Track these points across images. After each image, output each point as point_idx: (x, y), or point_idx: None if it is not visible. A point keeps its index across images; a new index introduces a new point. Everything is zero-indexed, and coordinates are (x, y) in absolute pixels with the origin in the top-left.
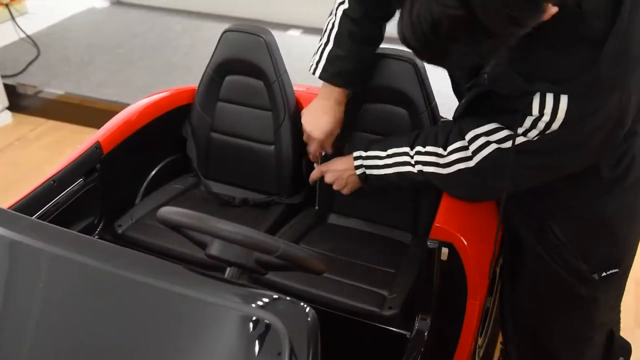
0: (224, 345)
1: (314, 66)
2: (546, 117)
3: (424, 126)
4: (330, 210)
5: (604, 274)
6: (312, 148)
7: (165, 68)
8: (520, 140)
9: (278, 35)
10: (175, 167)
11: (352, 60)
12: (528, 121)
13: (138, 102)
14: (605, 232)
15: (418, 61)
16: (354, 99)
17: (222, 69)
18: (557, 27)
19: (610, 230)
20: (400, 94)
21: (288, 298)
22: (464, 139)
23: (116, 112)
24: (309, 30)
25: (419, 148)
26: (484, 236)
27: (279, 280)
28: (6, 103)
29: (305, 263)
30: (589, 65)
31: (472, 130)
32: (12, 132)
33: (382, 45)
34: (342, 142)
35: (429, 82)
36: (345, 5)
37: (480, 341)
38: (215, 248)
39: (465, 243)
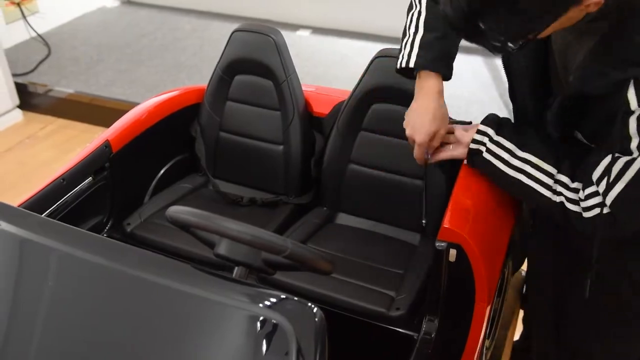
0: (232, 344)
1: (404, 59)
2: None
3: None
4: (338, 210)
5: None
6: (417, 153)
7: (174, 67)
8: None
9: (287, 35)
10: (184, 167)
11: (450, 42)
12: (632, 125)
13: (147, 102)
14: None
15: None
16: (362, 99)
17: (231, 68)
18: (621, 16)
19: None
20: (410, 94)
21: (296, 298)
22: (592, 182)
23: (125, 111)
24: (318, 30)
25: (564, 179)
26: (493, 238)
27: (287, 280)
28: (17, 101)
29: (313, 263)
30: None
31: (594, 174)
32: (23, 130)
33: (392, 46)
34: (350, 142)
35: None
36: None
37: (487, 344)
38: (224, 247)
39: (474, 245)
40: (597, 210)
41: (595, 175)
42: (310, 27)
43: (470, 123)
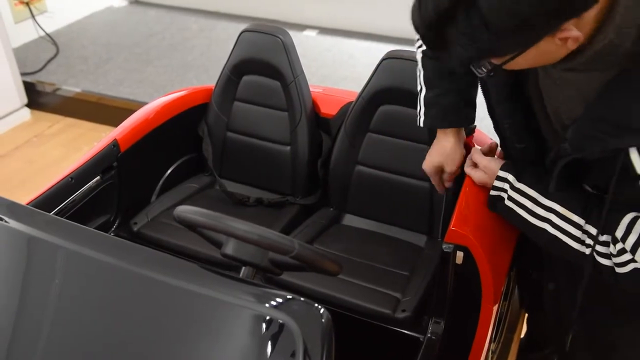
0: (238, 344)
1: (418, 118)
2: None
3: None
4: (344, 211)
5: None
6: (434, 181)
7: (182, 67)
8: None
9: (294, 36)
10: (191, 166)
11: (450, 96)
12: None
13: (155, 101)
14: None
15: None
16: (370, 101)
17: (239, 69)
18: (635, 69)
19: None
20: (416, 96)
21: (302, 299)
22: (618, 239)
23: (132, 111)
24: (325, 30)
25: (593, 230)
26: (500, 241)
27: (293, 280)
28: (25, 100)
29: (320, 264)
30: None
31: (617, 232)
32: (31, 128)
33: (402, 48)
34: (357, 143)
35: None
36: (423, 47)
37: (493, 346)
38: (231, 247)
39: (481, 247)
40: (632, 266)
41: (619, 234)
42: (317, 28)
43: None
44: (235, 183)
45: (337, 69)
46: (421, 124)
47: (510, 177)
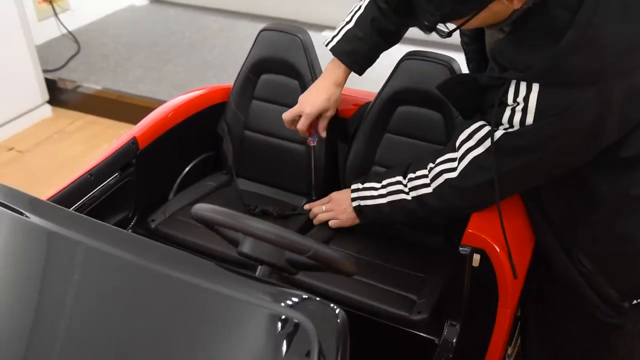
0: (253, 342)
1: (329, 40)
2: (519, 107)
3: None
4: None
5: (635, 302)
6: (300, 124)
7: (201, 66)
8: (499, 134)
9: (313, 36)
10: (208, 165)
11: (366, 45)
12: (506, 114)
13: (174, 99)
14: (631, 254)
15: (454, 64)
16: (388, 101)
17: (257, 67)
18: (528, 21)
19: (636, 251)
20: (436, 97)
21: (318, 299)
22: (455, 147)
23: (151, 109)
24: None
25: (410, 175)
26: (518, 244)
27: (308, 280)
28: (47, 97)
29: (336, 264)
30: (553, 56)
31: (461, 135)
32: (52, 125)
33: (415, 48)
34: (374, 144)
35: None
36: None
37: (509, 350)
38: (248, 246)
39: (498, 250)
40: (445, 176)
41: (459, 141)
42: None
43: None
44: (252, 182)
45: None
46: (328, 46)
47: (359, 185)
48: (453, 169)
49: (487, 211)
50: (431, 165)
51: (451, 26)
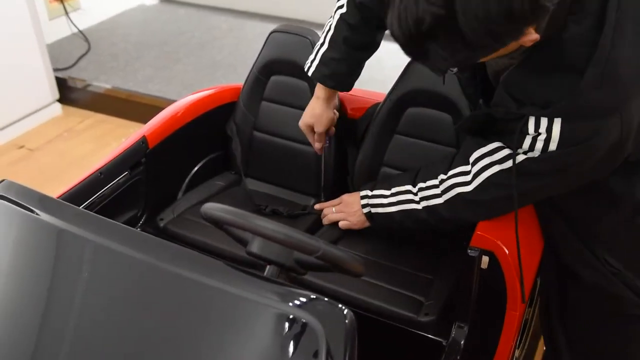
0: (261, 341)
1: (308, 65)
2: (542, 136)
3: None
4: None
5: None
6: (310, 139)
7: (210, 66)
8: (520, 158)
9: None
10: (217, 164)
11: (344, 64)
12: (527, 141)
13: (184, 99)
14: None
15: None
16: (397, 102)
17: (267, 69)
18: (542, 53)
19: None
20: (446, 99)
21: (326, 299)
22: (468, 162)
23: (161, 108)
24: None
25: (420, 184)
26: (526, 246)
27: (315, 280)
28: (57, 95)
29: (345, 265)
30: (573, 91)
31: (476, 152)
32: (62, 123)
33: None
34: (383, 145)
35: None
36: (344, 10)
37: (517, 353)
38: (256, 246)
39: (507, 252)
40: (457, 190)
41: (475, 156)
42: None
43: None
44: (261, 182)
45: (365, 70)
46: (308, 73)
47: (368, 192)
48: (466, 183)
49: None
50: (442, 176)
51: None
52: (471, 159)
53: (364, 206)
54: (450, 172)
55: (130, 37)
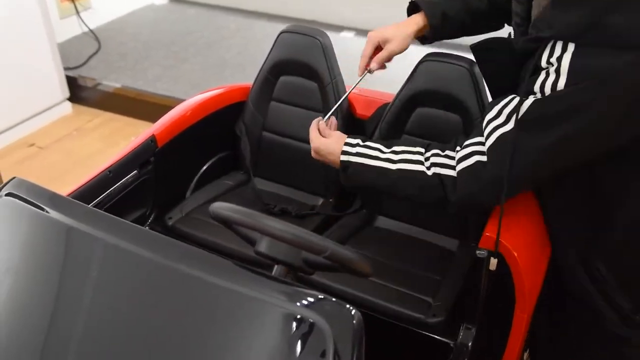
0: (268, 341)
1: None
2: (552, 68)
3: None
4: (378, 213)
5: None
6: (365, 50)
7: (219, 65)
8: (528, 103)
9: (331, 37)
10: (226, 164)
11: (455, 5)
12: (539, 80)
13: (193, 98)
14: None
15: (475, 68)
16: (407, 102)
17: (277, 69)
18: None
19: None
20: (455, 100)
21: (334, 299)
22: (482, 131)
23: (169, 107)
24: (362, 32)
25: (435, 151)
26: (536, 248)
27: (323, 280)
28: (67, 94)
29: (353, 265)
30: (592, 13)
31: (487, 116)
32: (71, 122)
33: (440, 50)
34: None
35: (484, 88)
36: None
37: (525, 356)
38: (264, 245)
39: (516, 254)
40: (475, 158)
41: (485, 121)
42: (355, 29)
43: None
44: (270, 182)
45: None
46: None
47: (359, 141)
48: (483, 152)
49: (507, 214)
50: (459, 148)
51: None
52: (484, 122)
53: (344, 153)
54: (467, 142)
55: (139, 37)
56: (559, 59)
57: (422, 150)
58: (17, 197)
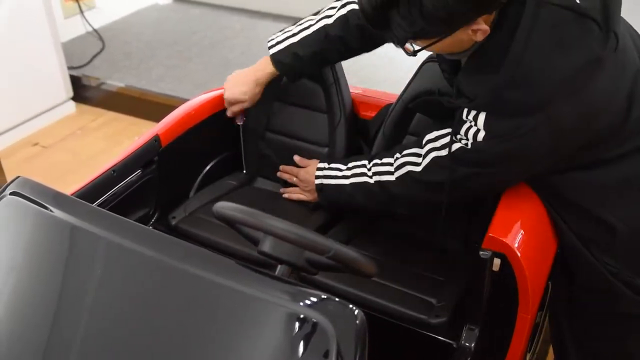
0: (271, 341)
1: (272, 42)
2: (472, 126)
3: None
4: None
5: None
6: (232, 111)
7: (223, 65)
8: (456, 147)
9: None
10: (229, 163)
11: (305, 65)
12: (464, 127)
13: (196, 98)
14: None
15: None
16: (410, 103)
17: None
18: (475, 55)
19: None
20: None
21: (337, 299)
22: (422, 145)
23: (173, 107)
24: None
25: (376, 160)
26: (539, 249)
27: (326, 280)
28: (71, 93)
29: (357, 265)
30: (492, 89)
31: (427, 136)
32: (75, 121)
33: None
34: (393, 145)
35: None
36: (329, 22)
37: (528, 357)
38: (268, 245)
39: (519, 255)
40: (407, 168)
41: (426, 140)
42: None
43: None
44: (272, 182)
45: (378, 70)
46: (269, 50)
47: (325, 165)
48: (417, 164)
49: (510, 215)
50: (398, 155)
51: (417, 47)
52: (424, 141)
53: (317, 177)
54: (405, 152)
55: (143, 36)
56: (475, 118)
57: (366, 162)
58: (21, 196)
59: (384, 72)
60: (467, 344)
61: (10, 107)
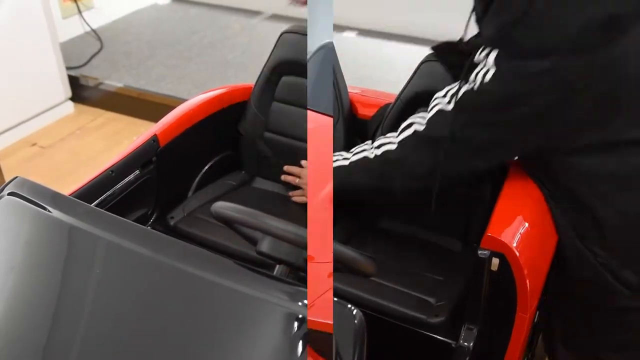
0: (270, 340)
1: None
2: (482, 65)
3: None
4: (379, 213)
5: None
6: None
7: (222, 65)
8: (463, 90)
9: (334, 37)
10: (228, 163)
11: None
12: (475, 72)
13: (195, 98)
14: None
15: None
16: (408, 102)
17: (278, 69)
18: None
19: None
20: None
21: (335, 299)
22: (429, 110)
23: (172, 107)
24: (364, 32)
25: (377, 139)
26: (538, 248)
27: None
28: (69, 94)
29: (356, 265)
30: (503, 24)
31: (436, 94)
32: (74, 121)
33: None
34: None
35: None
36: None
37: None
38: (266, 245)
39: (518, 254)
40: (413, 129)
41: (436, 95)
42: (357, 29)
43: None
44: (271, 182)
45: (376, 70)
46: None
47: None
48: (423, 123)
49: (508, 214)
50: (404, 124)
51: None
52: (432, 99)
53: None
54: (413, 116)
55: (142, 36)
56: (487, 55)
57: (369, 142)
58: (19, 196)
59: (381, 71)
60: (465, 344)
61: (8, 107)
